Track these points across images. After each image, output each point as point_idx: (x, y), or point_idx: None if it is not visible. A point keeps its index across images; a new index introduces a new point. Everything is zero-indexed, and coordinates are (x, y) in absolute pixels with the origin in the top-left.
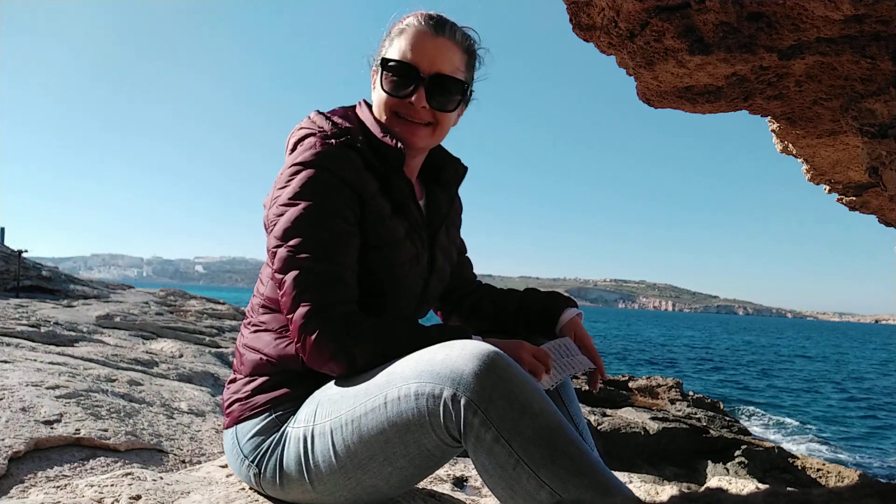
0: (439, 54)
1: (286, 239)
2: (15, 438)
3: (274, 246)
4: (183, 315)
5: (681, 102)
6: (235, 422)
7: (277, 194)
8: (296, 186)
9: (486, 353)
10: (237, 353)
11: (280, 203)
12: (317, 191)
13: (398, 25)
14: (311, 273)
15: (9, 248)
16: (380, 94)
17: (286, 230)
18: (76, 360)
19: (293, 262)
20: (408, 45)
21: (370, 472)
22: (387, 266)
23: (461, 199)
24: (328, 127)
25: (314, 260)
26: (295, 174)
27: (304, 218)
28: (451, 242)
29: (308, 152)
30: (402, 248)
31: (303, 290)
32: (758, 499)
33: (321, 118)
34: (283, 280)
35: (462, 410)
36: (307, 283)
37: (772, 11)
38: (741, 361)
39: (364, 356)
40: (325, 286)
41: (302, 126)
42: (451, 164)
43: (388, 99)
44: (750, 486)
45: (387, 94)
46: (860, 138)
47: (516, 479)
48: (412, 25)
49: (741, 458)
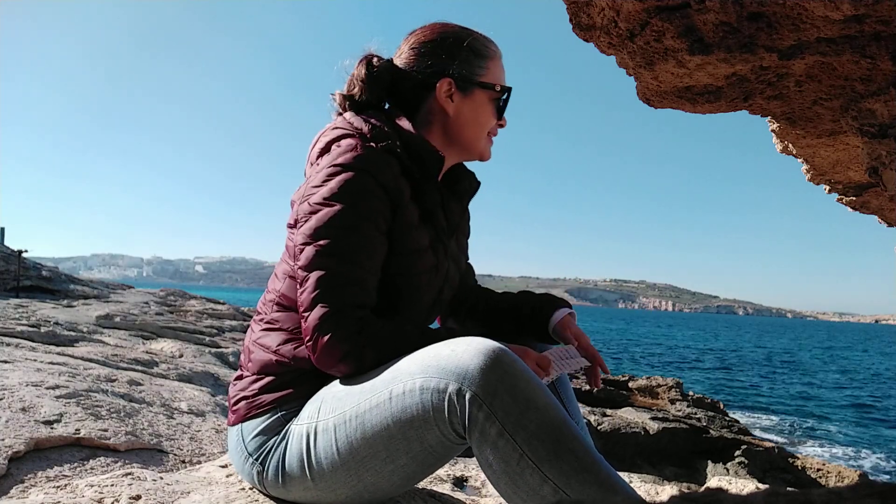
0: None
1: (316, 238)
2: (15, 438)
3: (302, 242)
4: (183, 315)
5: (681, 102)
6: (241, 419)
7: (311, 192)
8: (333, 187)
9: (492, 349)
10: (245, 350)
11: (314, 202)
12: (354, 194)
13: (482, 47)
14: (334, 275)
15: (9, 248)
16: (486, 118)
17: (317, 229)
18: (76, 360)
19: (320, 261)
20: (500, 72)
21: (372, 470)
22: (407, 274)
23: (469, 212)
24: (367, 129)
25: (340, 262)
26: (333, 175)
27: (337, 219)
28: (461, 251)
29: (349, 154)
30: (425, 257)
31: (324, 291)
32: (758, 499)
33: (358, 119)
34: (306, 277)
35: (467, 405)
36: (330, 284)
37: (772, 11)
38: (742, 362)
39: (373, 357)
40: (345, 289)
41: (337, 125)
42: (466, 177)
43: (493, 121)
44: (750, 486)
45: (496, 118)
46: (860, 138)
47: (520, 475)
48: (497, 53)
49: (741, 458)
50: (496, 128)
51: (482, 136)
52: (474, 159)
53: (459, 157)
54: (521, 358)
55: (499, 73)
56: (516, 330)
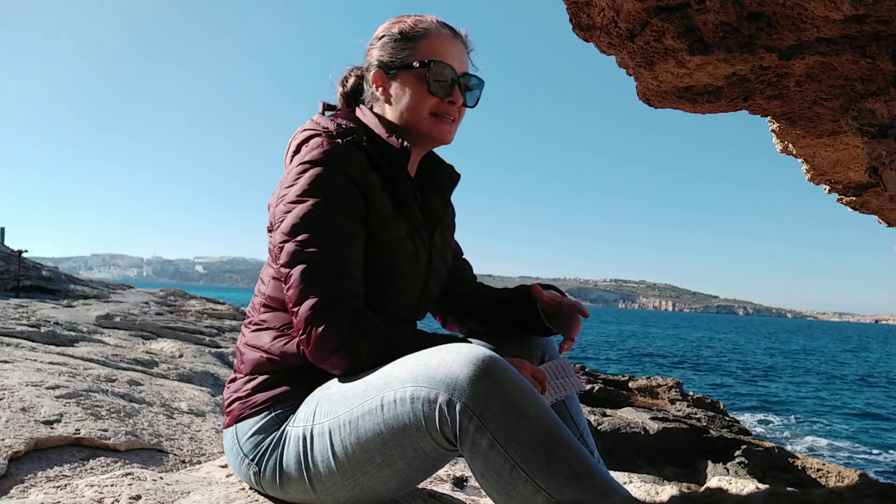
0: (461, 54)
1: (294, 234)
2: (15, 438)
3: (281, 241)
4: (183, 315)
5: (681, 102)
6: (235, 420)
7: (284, 192)
8: (304, 184)
9: (482, 358)
10: (238, 353)
11: (288, 201)
12: (324, 188)
13: (411, 29)
14: (318, 267)
15: (9, 248)
16: (417, 96)
17: (294, 225)
18: (76, 360)
19: (301, 256)
20: (438, 47)
21: (368, 474)
22: (388, 264)
23: (454, 206)
24: (333, 127)
25: (322, 254)
26: (302, 172)
27: (312, 214)
28: (447, 245)
29: (315, 151)
30: (403, 247)
31: (310, 284)
32: (758, 499)
33: (325, 119)
34: (289, 274)
35: (457, 416)
36: (315, 276)
37: (772, 11)
38: (743, 361)
39: (368, 353)
40: (332, 280)
41: (306, 128)
42: (444, 170)
43: (430, 100)
44: (750, 486)
45: (431, 95)
46: (860, 138)
47: (512, 485)
48: (432, 30)
49: (741, 458)
50: (445, 107)
51: (420, 115)
52: (434, 144)
53: (421, 144)
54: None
55: (430, 50)
56: (513, 323)
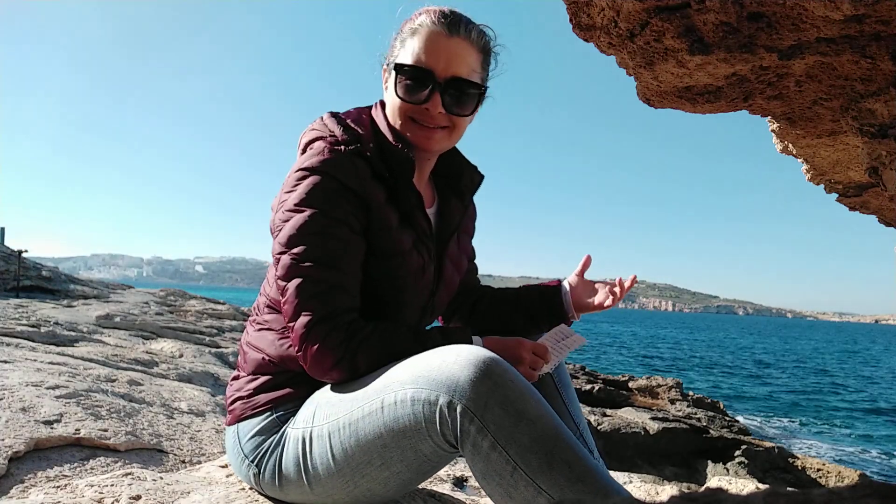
0: (455, 56)
1: (290, 246)
2: (15, 438)
3: (278, 252)
4: (183, 315)
5: (681, 102)
6: (237, 420)
7: (284, 198)
8: (301, 193)
9: (482, 360)
10: (241, 351)
11: (286, 209)
12: (322, 198)
13: (410, 25)
14: (313, 282)
15: (9, 248)
16: (393, 99)
17: (290, 237)
18: (76, 360)
19: (297, 269)
20: (422, 48)
21: (367, 476)
22: (392, 276)
23: (475, 206)
24: (339, 132)
25: (317, 268)
26: (301, 179)
27: (308, 225)
28: (462, 251)
29: (315, 158)
30: (408, 259)
31: (306, 299)
32: (758, 499)
33: (333, 122)
34: (286, 287)
35: (458, 418)
36: (310, 291)
37: (772, 11)
38: (743, 361)
39: (366, 363)
40: (327, 295)
41: (314, 128)
42: (467, 173)
43: (403, 104)
44: (750, 486)
45: (401, 100)
46: (860, 138)
47: (514, 486)
48: (425, 25)
49: (741, 458)
50: (421, 112)
51: (397, 119)
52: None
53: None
54: (517, 349)
55: (414, 50)
56: (528, 318)
